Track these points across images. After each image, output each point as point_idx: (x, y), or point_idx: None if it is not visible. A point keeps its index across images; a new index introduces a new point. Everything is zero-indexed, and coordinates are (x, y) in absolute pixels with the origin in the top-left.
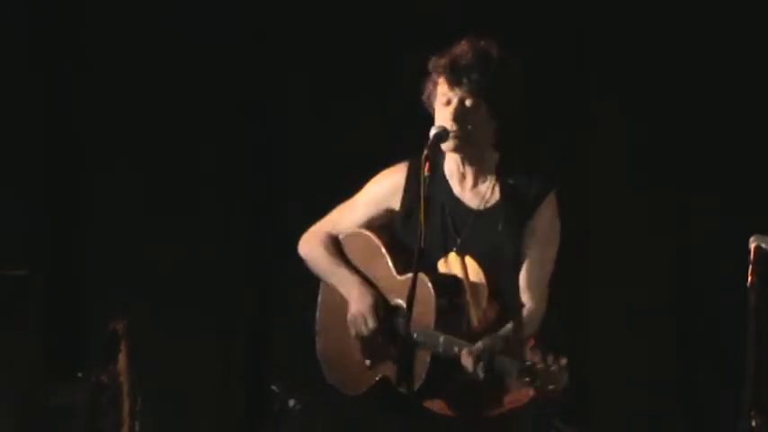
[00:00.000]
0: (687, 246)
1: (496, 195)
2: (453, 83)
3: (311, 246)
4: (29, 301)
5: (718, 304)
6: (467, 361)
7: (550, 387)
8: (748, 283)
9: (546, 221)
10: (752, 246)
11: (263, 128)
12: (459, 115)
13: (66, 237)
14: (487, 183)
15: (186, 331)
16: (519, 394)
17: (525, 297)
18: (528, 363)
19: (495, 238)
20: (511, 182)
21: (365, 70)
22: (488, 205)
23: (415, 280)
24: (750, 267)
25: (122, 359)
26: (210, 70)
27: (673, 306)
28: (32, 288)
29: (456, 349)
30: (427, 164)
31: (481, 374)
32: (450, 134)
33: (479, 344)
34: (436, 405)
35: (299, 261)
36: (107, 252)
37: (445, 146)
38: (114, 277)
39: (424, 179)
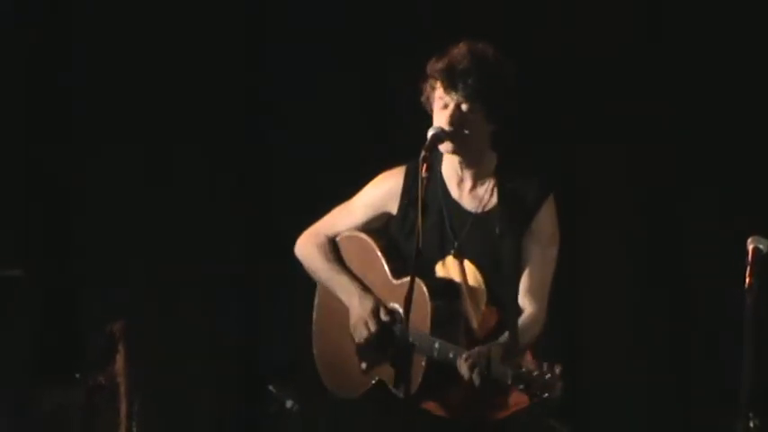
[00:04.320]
0: (685, 247)
1: (495, 198)
2: (450, 87)
3: (309, 249)
4: (24, 302)
5: (716, 305)
6: (462, 367)
7: (545, 395)
8: (746, 285)
9: (546, 225)
10: (749, 247)
11: (262, 129)
12: (456, 120)
13: (62, 237)
14: (486, 186)
15: (183, 332)
16: (521, 397)
17: (527, 301)
18: (522, 370)
19: (493, 241)
20: (509, 185)
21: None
22: (487, 208)
23: (412, 282)
24: (747, 269)
25: (119, 360)
26: (210, 71)
27: (670, 306)
28: (28, 289)
29: (451, 355)
30: (425, 165)
31: (477, 381)
32: (448, 137)
33: (475, 350)
34: (435, 407)
35: (297, 261)
36: (104, 252)
37: (443, 147)
38: (111, 278)
39: (422, 180)
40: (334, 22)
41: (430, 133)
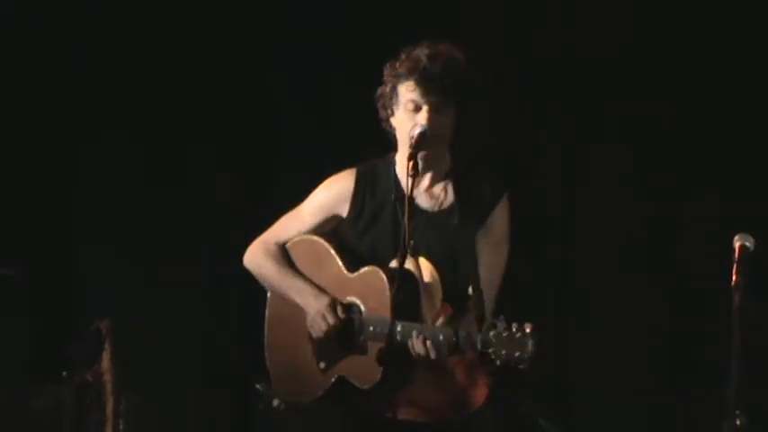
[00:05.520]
0: (675, 246)
1: (450, 197)
2: (426, 90)
3: (258, 258)
4: (14, 300)
5: (704, 303)
6: (416, 343)
7: (516, 354)
8: (732, 283)
9: (499, 224)
10: (736, 245)
11: (262, 129)
12: (435, 122)
13: (52, 236)
14: (441, 185)
15: (170, 330)
16: (478, 394)
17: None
18: (491, 333)
19: (448, 239)
20: (464, 184)
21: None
22: (442, 207)
23: (399, 278)
24: (734, 267)
25: (106, 358)
26: (209, 71)
27: (658, 306)
28: (17, 288)
29: (415, 334)
30: (411, 162)
31: (433, 354)
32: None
33: (439, 321)
34: (404, 412)
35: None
36: (93, 251)
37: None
38: (99, 276)
39: (409, 177)
40: (334, 22)
41: (417, 132)
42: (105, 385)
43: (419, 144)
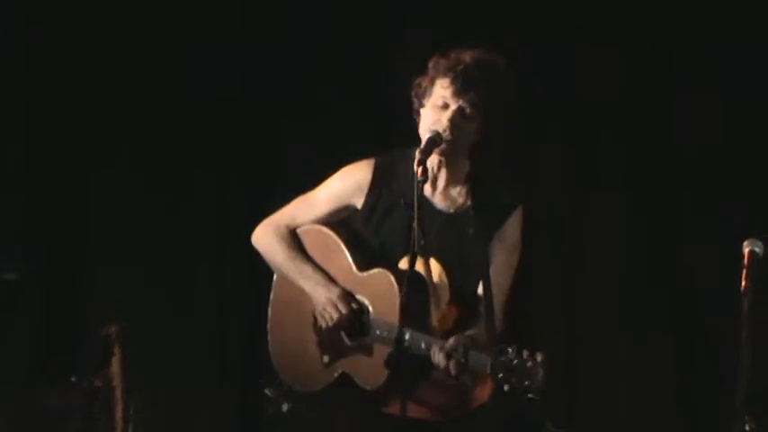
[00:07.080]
0: (682, 249)
1: (467, 201)
2: (460, 91)
3: (269, 239)
4: (22, 305)
5: (713, 308)
6: (438, 357)
7: (526, 383)
8: (742, 289)
9: (513, 232)
10: (745, 250)
11: (262, 131)
12: (456, 122)
13: (60, 240)
14: (459, 188)
15: (179, 335)
16: (482, 391)
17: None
18: (502, 358)
19: (461, 242)
20: (483, 189)
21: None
22: (458, 210)
23: (410, 277)
24: (743, 272)
25: (116, 363)
26: (210, 74)
27: (667, 310)
28: (26, 292)
29: (423, 345)
30: (420, 168)
31: (454, 371)
32: (444, 140)
33: (451, 340)
34: (403, 408)
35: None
36: (101, 255)
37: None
38: (108, 281)
39: (418, 183)
40: (333, 23)
41: (426, 137)
42: (114, 390)
43: (428, 150)
